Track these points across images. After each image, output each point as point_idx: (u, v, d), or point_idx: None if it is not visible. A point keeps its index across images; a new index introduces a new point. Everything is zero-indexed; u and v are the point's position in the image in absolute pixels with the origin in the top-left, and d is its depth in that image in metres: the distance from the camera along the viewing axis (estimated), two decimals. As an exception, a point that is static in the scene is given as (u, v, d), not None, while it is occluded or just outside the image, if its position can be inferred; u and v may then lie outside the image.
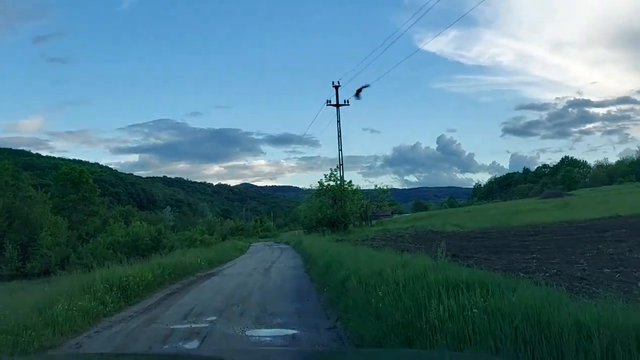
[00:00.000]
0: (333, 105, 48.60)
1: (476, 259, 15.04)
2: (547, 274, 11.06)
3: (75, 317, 9.76)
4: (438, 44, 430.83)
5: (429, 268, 7.84)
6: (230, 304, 12.46)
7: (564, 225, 31.16)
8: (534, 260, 14.15)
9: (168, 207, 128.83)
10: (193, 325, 9.83)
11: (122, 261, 17.70)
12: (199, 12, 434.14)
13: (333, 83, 48.52)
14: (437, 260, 9.03)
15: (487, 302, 5.44)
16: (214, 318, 10.57)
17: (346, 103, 48.66)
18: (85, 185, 61.09)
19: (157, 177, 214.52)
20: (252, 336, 8.78)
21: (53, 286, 13.73)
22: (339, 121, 48.22)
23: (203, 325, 9.87)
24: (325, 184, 48.59)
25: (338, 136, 47.90)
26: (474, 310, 5.29)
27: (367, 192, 56.98)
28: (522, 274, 10.44)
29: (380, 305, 7.32)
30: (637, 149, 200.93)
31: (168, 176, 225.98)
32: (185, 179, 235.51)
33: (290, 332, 8.94)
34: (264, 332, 9.12)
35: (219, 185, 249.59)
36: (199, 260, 24.11)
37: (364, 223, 53.88)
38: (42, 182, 72.03)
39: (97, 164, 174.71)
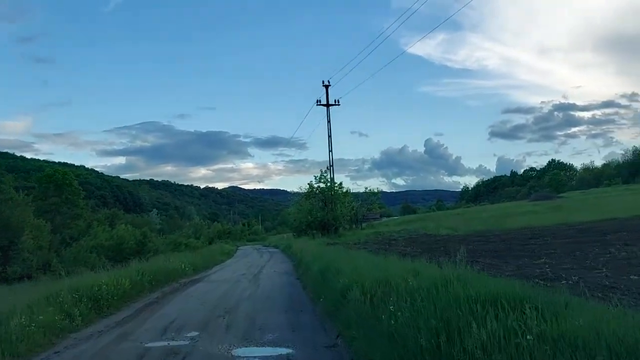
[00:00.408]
0: (323, 105, 47.31)
1: (481, 264, 13.93)
2: (568, 282, 9.94)
3: (34, 334, 8.41)
4: (425, 47, 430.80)
5: (451, 277, 6.56)
6: (215, 316, 11.21)
7: (562, 228, 30.30)
8: (546, 266, 13.00)
9: (155, 210, 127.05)
10: (171, 343, 8.54)
11: (105, 266, 16.31)
12: (185, 13, 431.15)
13: (323, 82, 47.30)
14: (457, 266, 7.75)
15: (543, 326, 4.20)
16: (196, 333, 9.28)
17: (337, 103, 47.47)
18: (69, 187, 59.46)
19: (144, 179, 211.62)
20: (239, 357, 7.53)
21: (19, 295, 12.36)
22: (329, 121, 46.95)
23: (183, 342, 8.60)
24: (316, 185, 47.32)
25: (328, 136, 46.57)
26: (527, 337, 4.07)
27: (357, 195, 55.87)
28: (539, 282, 9.31)
29: (393, 322, 6.12)
30: (621, 152, 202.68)
31: (155, 179, 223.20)
32: (172, 181, 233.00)
33: (284, 351, 7.69)
34: (253, 351, 7.85)
35: (207, 188, 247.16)
36: (183, 265, 22.80)
37: (354, 226, 52.67)
38: (26, 184, 70.26)
39: (83, 166, 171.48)
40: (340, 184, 48.14)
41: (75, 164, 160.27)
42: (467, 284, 5.97)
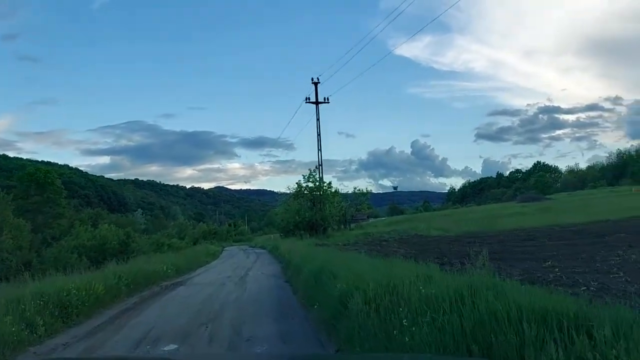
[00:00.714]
0: (312, 102, 46.27)
1: (485, 268, 12.99)
2: (589, 288, 8.99)
3: (-17, 349, 7.25)
4: (413, 49, 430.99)
5: (478, 285, 5.49)
6: (198, 324, 10.09)
7: (554, 230, 29.91)
8: (556, 270, 12.02)
9: (139, 210, 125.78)
10: (145, 359, 7.42)
11: (87, 267, 15.11)
12: (172, 12, 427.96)
13: (312, 79, 46.28)
14: (477, 271, 6.69)
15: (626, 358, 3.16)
16: (175, 346, 8.16)
17: (326, 100, 46.43)
18: (51, 186, 58.31)
19: (129, 179, 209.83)
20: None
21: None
22: (318, 119, 45.92)
23: (159, 358, 7.49)
24: (304, 185, 46.25)
25: (317, 134, 45.50)
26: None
27: (346, 195, 54.95)
28: (557, 287, 8.32)
29: (408, 340, 5.08)
30: (605, 155, 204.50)
31: (140, 179, 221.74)
32: (158, 181, 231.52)
33: (276, 369, 6.60)
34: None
35: (192, 188, 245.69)
36: (165, 267, 21.63)
37: (342, 227, 51.71)
38: (9, 183, 68.97)
39: (67, 165, 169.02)
40: (330, 183, 47.16)
41: (59, 163, 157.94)
42: (499, 295, 4.92)
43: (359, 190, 56.03)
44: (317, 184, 45.52)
